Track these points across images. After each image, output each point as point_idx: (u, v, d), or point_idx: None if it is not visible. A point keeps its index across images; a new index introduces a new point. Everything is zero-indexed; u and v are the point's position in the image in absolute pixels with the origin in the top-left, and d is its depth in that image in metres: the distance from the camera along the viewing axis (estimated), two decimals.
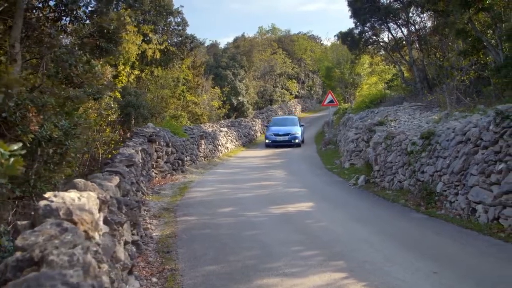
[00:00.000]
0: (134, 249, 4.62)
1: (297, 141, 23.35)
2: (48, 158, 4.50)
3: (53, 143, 4.28)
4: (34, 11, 6.13)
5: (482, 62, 14.39)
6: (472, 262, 5.52)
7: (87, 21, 6.68)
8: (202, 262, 5.65)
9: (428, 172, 9.08)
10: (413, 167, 9.75)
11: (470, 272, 5.12)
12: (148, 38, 18.77)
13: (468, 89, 14.89)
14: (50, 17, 6.30)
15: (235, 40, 42.26)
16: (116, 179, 4.70)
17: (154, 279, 5.14)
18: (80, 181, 3.05)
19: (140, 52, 17.60)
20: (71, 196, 2.43)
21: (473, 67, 14.83)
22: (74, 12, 6.16)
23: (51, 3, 6.26)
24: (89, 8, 6.39)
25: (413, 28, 21.90)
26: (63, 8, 6.01)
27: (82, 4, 6.22)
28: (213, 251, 6.11)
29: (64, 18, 6.38)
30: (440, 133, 9.21)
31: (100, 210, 2.98)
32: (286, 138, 23.29)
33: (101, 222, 2.95)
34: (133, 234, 5.91)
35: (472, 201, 7.39)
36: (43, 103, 4.33)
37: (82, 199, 2.45)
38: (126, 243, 4.51)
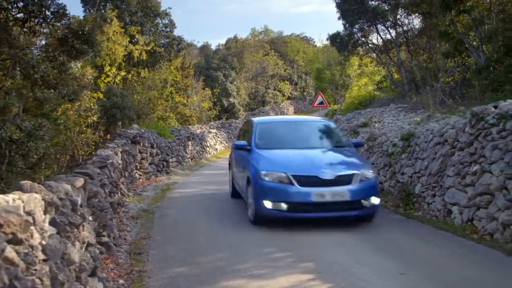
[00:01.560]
0: (98, 251, 4.59)
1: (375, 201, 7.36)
2: (11, 160, 4.46)
3: (15, 145, 4.24)
4: (3, 11, 6.10)
5: (466, 64, 14.49)
6: (442, 263, 5.53)
7: (57, 23, 6.64)
8: (172, 263, 5.62)
9: (408, 174, 9.09)
10: (394, 169, 9.76)
11: (438, 273, 5.13)
12: (135, 39, 18.75)
13: (453, 91, 14.97)
14: (18, 18, 6.27)
15: (227, 41, 42.32)
16: (80, 181, 4.65)
17: (121, 281, 5.10)
18: (26, 183, 3.02)
19: (126, 53, 17.56)
20: (5, 198, 2.41)
21: (458, 68, 14.92)
22: (43, 13, 6.13)
23: (21, 4, 6.22)
24: (51, 9, 6.33)
25: (401, 29, 22.00)
26: (31, 9, 5.97)
27: (48, 5, 6.17)
28: (185, 252, 6.08)
29: (33, 19, 6.34)
30: (419, 135, 9.22)
31: (45, 211, 2.95)
32: (341, 197, 7.03)
33: (46, 224, 2.93)
34: (102, 236, 5.89)
35: (448, 203, 7.40)
36: (4, 104, 4.30)
37: (17, 201, 2.42)
38: (89, 245, 4.48)
